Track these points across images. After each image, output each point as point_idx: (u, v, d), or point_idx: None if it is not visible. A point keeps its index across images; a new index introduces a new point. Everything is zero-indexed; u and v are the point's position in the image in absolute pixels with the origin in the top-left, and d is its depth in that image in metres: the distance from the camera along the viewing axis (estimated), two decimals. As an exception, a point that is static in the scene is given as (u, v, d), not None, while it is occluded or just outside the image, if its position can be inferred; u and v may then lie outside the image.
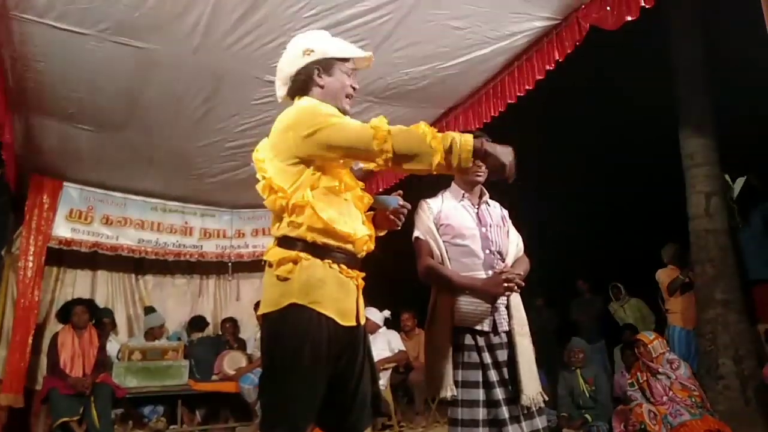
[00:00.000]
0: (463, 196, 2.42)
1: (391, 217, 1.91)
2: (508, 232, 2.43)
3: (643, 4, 2.85)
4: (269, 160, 1.72)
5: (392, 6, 3.11)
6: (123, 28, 3.13)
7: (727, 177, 4.78)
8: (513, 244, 2.40)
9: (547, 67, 3.46)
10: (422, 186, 2.67)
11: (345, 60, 1.86)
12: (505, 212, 2.52)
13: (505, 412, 2.10)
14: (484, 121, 4.06)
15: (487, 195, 2.47)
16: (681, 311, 4.92)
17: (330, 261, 1.66)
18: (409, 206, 1.96)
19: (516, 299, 2.30)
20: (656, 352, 4.23)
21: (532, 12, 3.27)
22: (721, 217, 4.61)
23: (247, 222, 6.55)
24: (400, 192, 1.98)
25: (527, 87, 3.64)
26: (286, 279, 1.61)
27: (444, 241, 2.33)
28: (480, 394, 2.14)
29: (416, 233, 2.37)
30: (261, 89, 3.83)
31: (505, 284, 2.15)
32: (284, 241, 1.68)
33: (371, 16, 3.16)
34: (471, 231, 2.31)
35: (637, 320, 6.12)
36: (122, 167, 5.26)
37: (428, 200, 2.44)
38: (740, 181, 4.81)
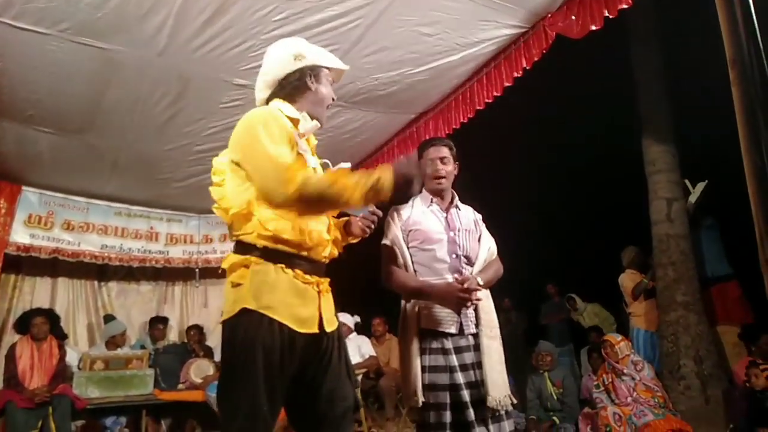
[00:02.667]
0: (431, 201, 2.44)
1: (360, 223, 1.89)
2: (480, 236, 2.43)
3: (607, 14, 2.92)
4: (225, 160, 1.72)
5: (362, 11, 3.11)
6: (85, 28, 3.05)
7: (687, 182, 4.93)
8: (484, 248, 2.39)
9: (515, 75, 3.52)
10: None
11: (329, 69, 1.88)
12: (478, 216, 2.51)
13: (471, 414, 2.10)
14: (454, 127, 4.10)
15: (457, 199, 2.48)
16: (644, 314, 5.04)
17: (283, 266, 1.62)
18: (380, 213, 1.94)
19: (486, 302, 2.29)
20: (622, 354, 4.32)
21: (500, 20, 3.31)
22: (682, 221, 4.75)
23: (215, 227, 6.44)
24: None
25: (495, 94, 3.69)
26: (238, 284, 1.58)
27: (413, 247, 2.34)
28: (447, 397, 2.13)
29: (384, 240, 2.38)
30: (229, 92, 3.78)
31: (460, 294, 2.13)
32: (239, 247, 1.66)
33: (340, 21, 3.16)
34: (438, 236, 2.32)
35: (601, 324, 6.23)
36: (84, 171, 5.11)
37: (399, 207, 2.45)
38: (701, 186, 4.96)
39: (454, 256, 2.29)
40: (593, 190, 7.00)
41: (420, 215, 2.38)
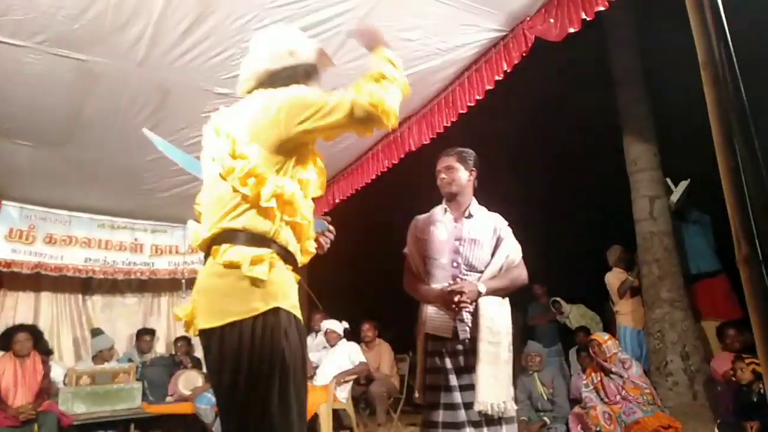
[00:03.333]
0: (445, 211, 2.50)
1: (320, 240, 1.83)
2: (496, 245, 2.44)
3: (584, 16, 2.96)
4: (246, 144, 1.56)
5: (342, 18, 3.12)
6: (62, 40, 3.03)
7: (668, 181, 4.99)
8: (500, 257, 2.41)
9: (496, 77, 3.54)
10: (415, 204, 2.69)
11: (316, 68, 1.82)
12: (502, 224, 2.50)
13: (463, 415, 2.17)
14: (437, 131, 4.11)
15: (474, 207, 2.49)
16: (630, 312, 5.08)
17: (290, 266, 1.58)
18: (334, 233, 1.90)
19: (491, 308, 2.30)
20: (610, 352, 4.36)
21: (480, 24, 3.34)
22: (665, 219, 4.81)
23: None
24: (328, 218, 1.95)
25: (477, 97, 3.71)
26: (259, 281, 1.45)
27: (423, 255, 2.45)
28: (441, 397, 2.22)
29: (405, 249, 2.54)
30: (211, 101, 3.75)
31: (454, 299, 2.24)
32: (253, 240, 1.50)
33: (321, 28, 3.16)
34: (442, 245, 2.40)
35: (588, 325, 6.25)
36: (66, 184, 5.06)
37: (418, 216, 2.56)
38: (683, 184, 5.01)
39: (454, 264, 2.37)
40: (578, 190, 7.06)
41: (430, 225, 2.47)
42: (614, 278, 5.23)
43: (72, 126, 3.93)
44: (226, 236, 1.52)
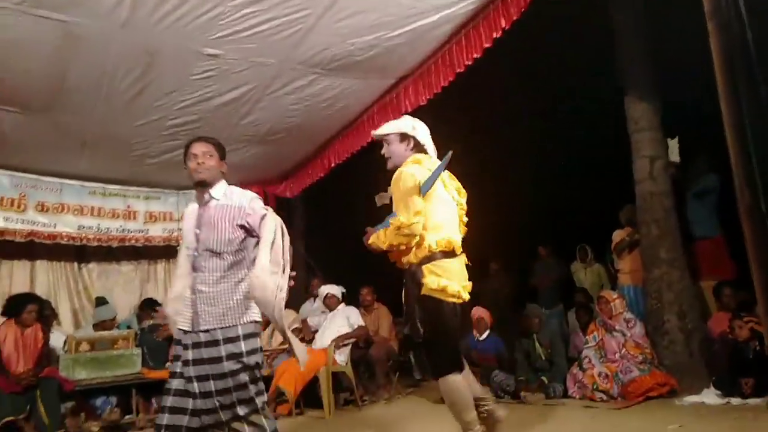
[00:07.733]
0: None
1: None
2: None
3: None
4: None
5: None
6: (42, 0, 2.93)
7: (669, 141, 4.95)
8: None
9: (494, 35, 3.47)
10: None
11: None
12: None
13: None
14: (435, 91, 4.04)
15: None
16: (631, 270, 5.14)
17: None
18: None
19: None
20: (616, 311, 4.48)
21: (477, -23, 3.24)
22: (665, 179, 4.78)
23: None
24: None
25: (475, 55, 3.64)
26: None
27: None
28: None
29: None
30: (200, 63, 3.68)
31: None
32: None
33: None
34: None
35: (594, 285, 6.27)
36: (54, 151, 5.00)
37: None
38: (674, 143, 4.97)
39: None
40: (580, 150, 6.98)
41: None
42: (618, 236, 5.29)
43: (56, 91, 3.85)
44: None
